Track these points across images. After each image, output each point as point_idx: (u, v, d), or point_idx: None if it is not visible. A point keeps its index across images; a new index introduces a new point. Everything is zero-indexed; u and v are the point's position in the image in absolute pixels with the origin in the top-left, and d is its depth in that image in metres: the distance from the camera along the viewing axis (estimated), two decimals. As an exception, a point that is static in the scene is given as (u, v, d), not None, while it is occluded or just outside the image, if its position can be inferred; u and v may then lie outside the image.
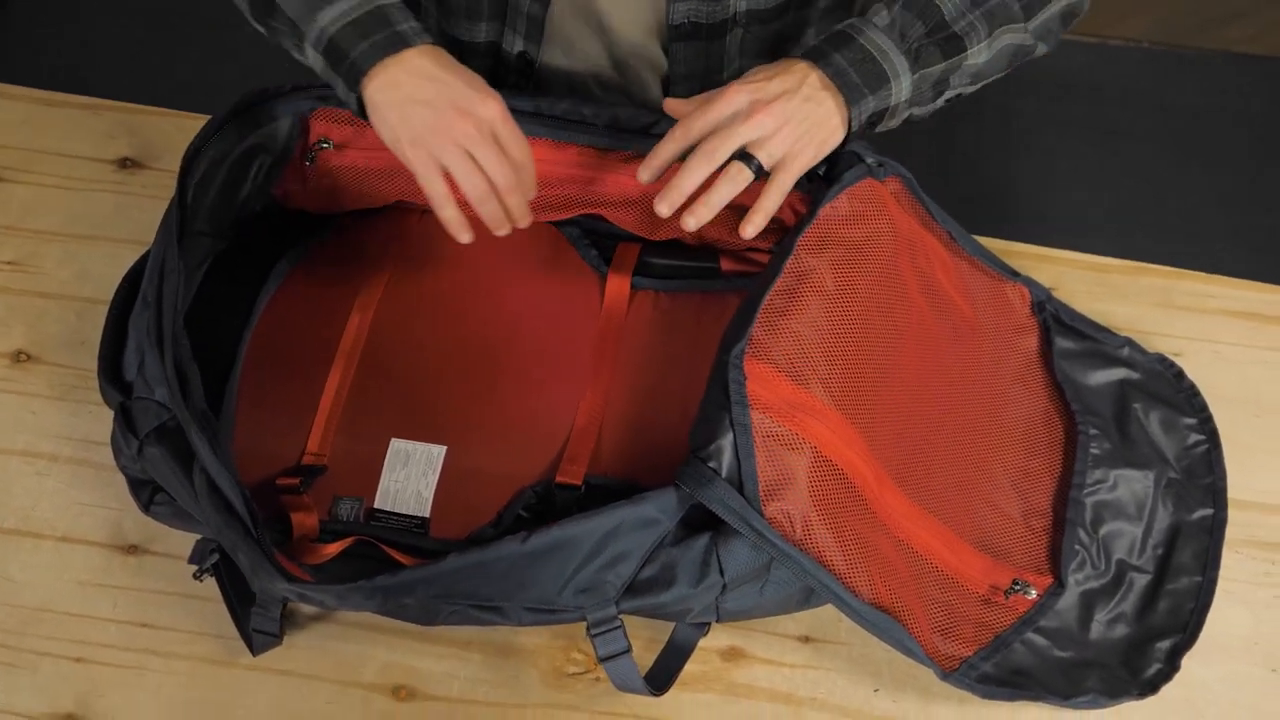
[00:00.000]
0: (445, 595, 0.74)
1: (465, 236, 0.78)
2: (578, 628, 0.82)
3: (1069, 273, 1.01)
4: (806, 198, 0.86)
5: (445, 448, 0.87)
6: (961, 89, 0.84)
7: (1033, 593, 0.84)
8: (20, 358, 0.95)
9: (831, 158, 0.85)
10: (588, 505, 0.76)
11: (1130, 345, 0.96)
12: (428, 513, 0.85)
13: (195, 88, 0.86)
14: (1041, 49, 0.87)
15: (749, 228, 0.79)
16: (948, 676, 0.79)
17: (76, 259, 0.99)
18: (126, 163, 1.04)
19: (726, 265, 0.94)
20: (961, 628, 0.82)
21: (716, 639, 0.84)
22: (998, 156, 1.80)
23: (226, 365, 0.90)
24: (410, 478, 0.86)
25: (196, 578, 0.79)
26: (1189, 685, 0.83)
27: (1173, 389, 0.95)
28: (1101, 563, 0.87)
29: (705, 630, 0.81)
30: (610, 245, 0.96)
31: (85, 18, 1.90)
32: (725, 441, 0.74)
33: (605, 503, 0.74)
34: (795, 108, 0.77)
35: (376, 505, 0.85)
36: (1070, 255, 1.03)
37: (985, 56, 0.83)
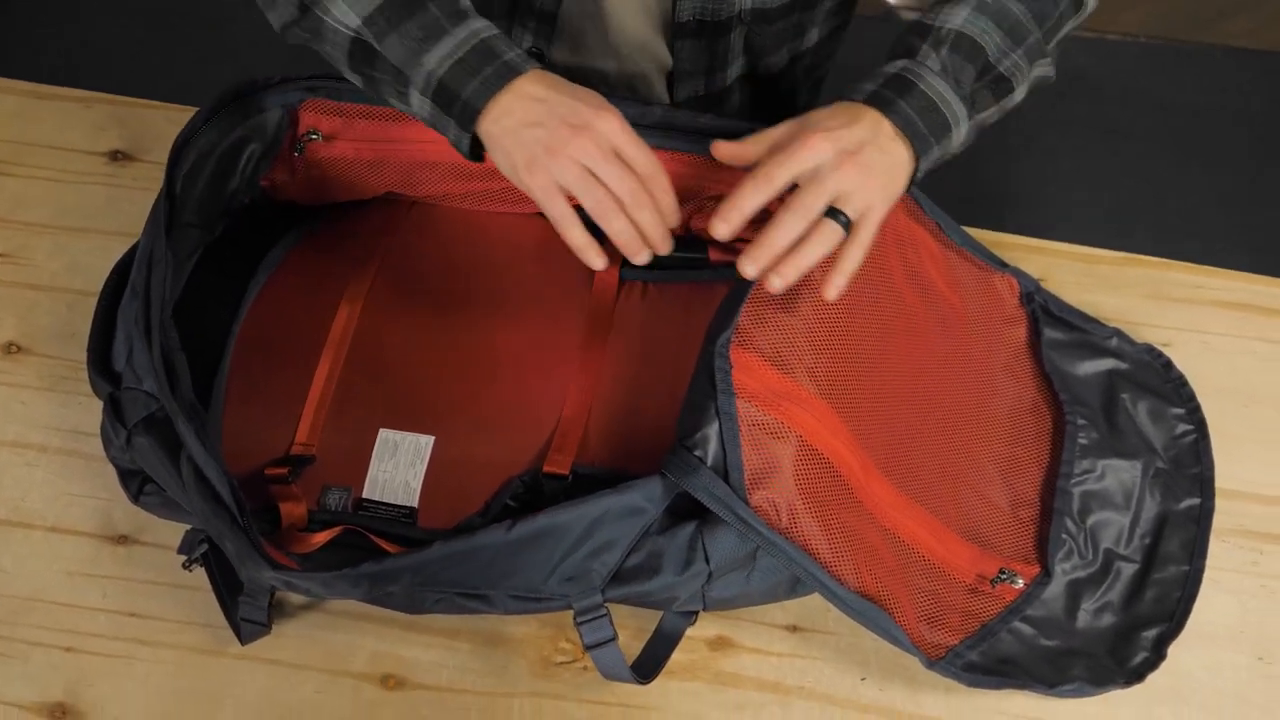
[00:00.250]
0: (430, 583, 0.75)
1: (599, 262, 0.74)
2: (565, 617, 0.82)
3: (1058, 264, 1.01)
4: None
5: (433, 438, 0.87)
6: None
7: (1019, 582, 0.84)
8: (10, 349, 0.95)
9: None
10: (575, 494, 0.76)
11: (1119, 336, 0.96)
12: (416, 502, 0.85)
13: (195, 88, 0.85)
14: (1052, 76, 0.86)
15: (831, 290, 0.75)
16: (933, 665, 0.79)
17: (67, 251, 0.99)
18: (117, 155, 1.04)
19: (715, 255, 0.94)
20: (948, 616, 0.82)
21: (704, 628, 0.84)
22: (997, 158, 1.80)
23: (216, 356, 0.91)
24: (398, 467, 0.86)
25: (185, 567, 0.80)
26: (1175, 674, 0.83)
27: (1161, 379, 0.95)
28: (1089, 552, 0.87)
29: (693, 619, 0.81)
30: (600, 235, 0.96)
31: (86, 17, 1.91)
32: (711, 430, 0.74)
33: (592, 492, 0.74)
34: (876, 159, 0.74)
35: (365, 495, 0.85)
36: (1059, 246, 1.03)
37: (1024, 94, 0.82)
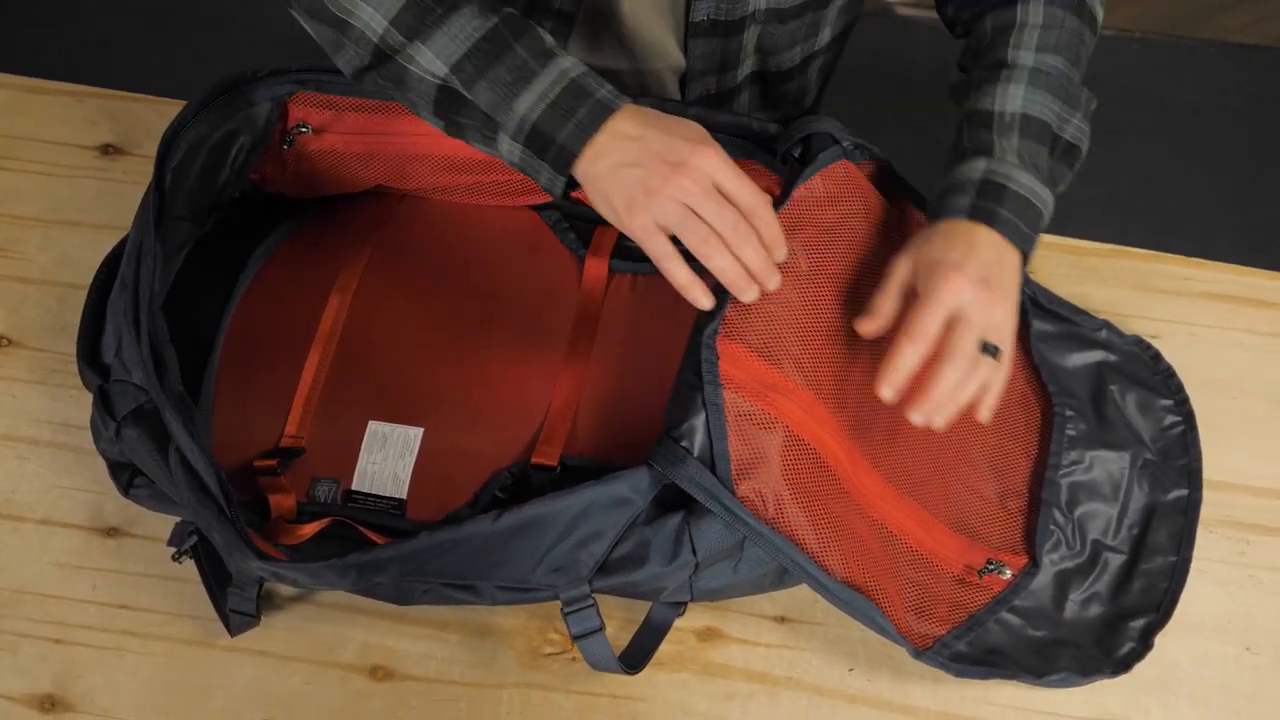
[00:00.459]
0: (418, 573, 0.75)
1: (705, 301, 0.73)
2: (554, 608, 0.83)
3: (1047, 255, 1.02)
4: (780, 180, 0.86)
5: (422, 430, 0.87)
6: None
7: (1007, 573, 0.85)
8: (1, 343, 0.95)
9: (805, 139, 0.85)
10: (563, 486, 0.76)
11: (1108, 327, 0.96)
12: (404, 494, 0.85)
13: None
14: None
15: (985, 411, 0.77)
16: (920, 655, 0.79)
17: (58, 244, 0.99)
18: (108, 149, 1.05)
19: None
20: (935, 607, 0.82)
21: (693, 619, 0.84)
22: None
23: (206, 349, 0.91)
24: (387, 459, 0.86)
25: (175, 559, 0.80)
26: (1162, 664, 0.83)
27: (1149, 371, 0.95)
28: (1077, 543, 0.87)
29: (681, 610, 0.81)
30: (588, 228, 0.96)
31: (85, 16, 1.91)
32: (698, 421, 0.74)
33: (581, 483, 0.74)
34: (1003, 280, 0.76)
35: (354, 487, 0.86)
36: (1049, 238, 1.03)
37: (1087, 149, 0.84)
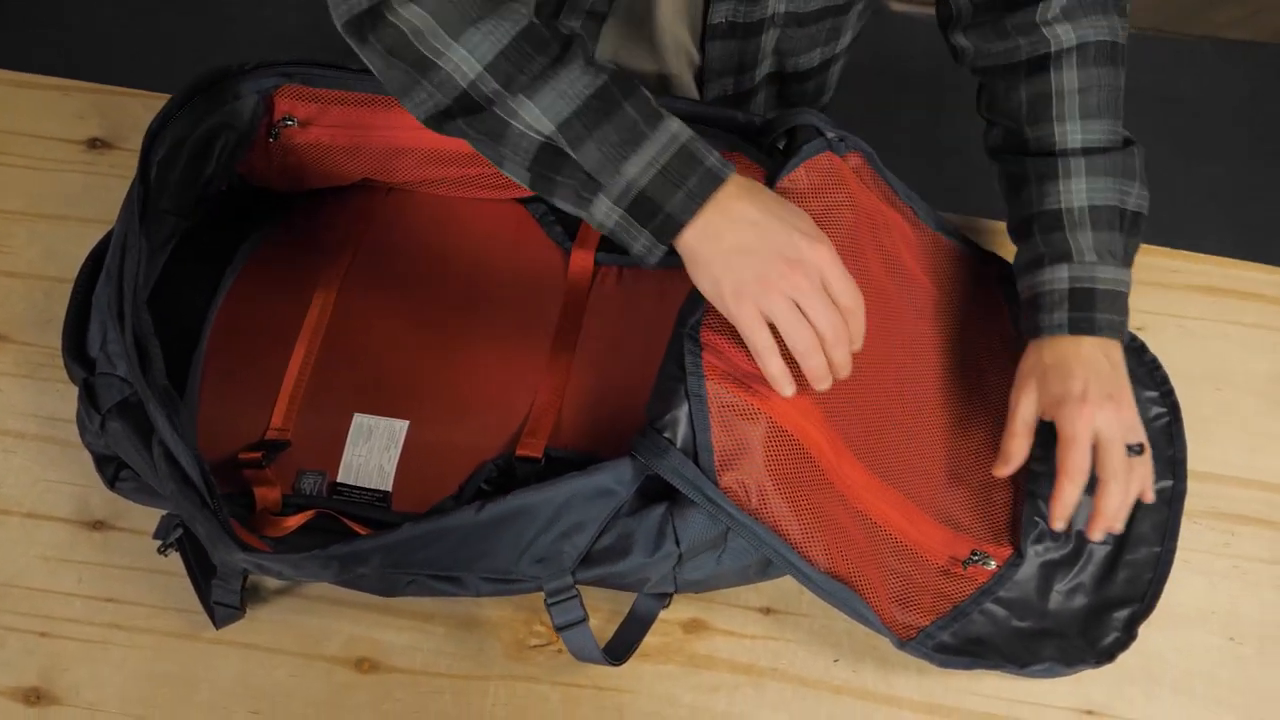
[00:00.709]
0: (401, 565, 0.75)
1: (789, 390, 0.74)
2: (540, 600, 0.82)
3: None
4: (764, 171, 0.86)
5: (408, 422, 0.87)
6: None
7: (992, 564, 0.85)
8: (-12, 336, 0.95)
9: (790, 131, 0.85)
10: (548, 478, 0.76)
11: (1094, 320, 0.96)
12: (390, 486, 0.85)
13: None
14: None
15: (1150, 496, 0.82)
16: (904, 645, 0.80)
17: (44, 239, 0.99)
18: (95, 143, 1.05)
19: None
20: (919, 598, 0.82)
21: (678, 611, 0.84)
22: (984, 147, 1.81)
23: (192, 343, 0.91)
24: (373, 452, 0.86)
25: (161, 552, 0.80)
26: (1146, 654, 0.83)
27: (1135, 362, 0.95)
28: (1061, 534, 0.87)
29: (666, 602, 0.81)
30: (575, 221, 0.96)
31: (76, 10, 1.90)
32: (681, 412, 0.74)
33: (565, 475, 0.74)
34: (1120, 382, 0.82)
35: (339, 479, 0.86)
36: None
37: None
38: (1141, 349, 0.95)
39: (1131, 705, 0.82)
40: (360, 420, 0.87)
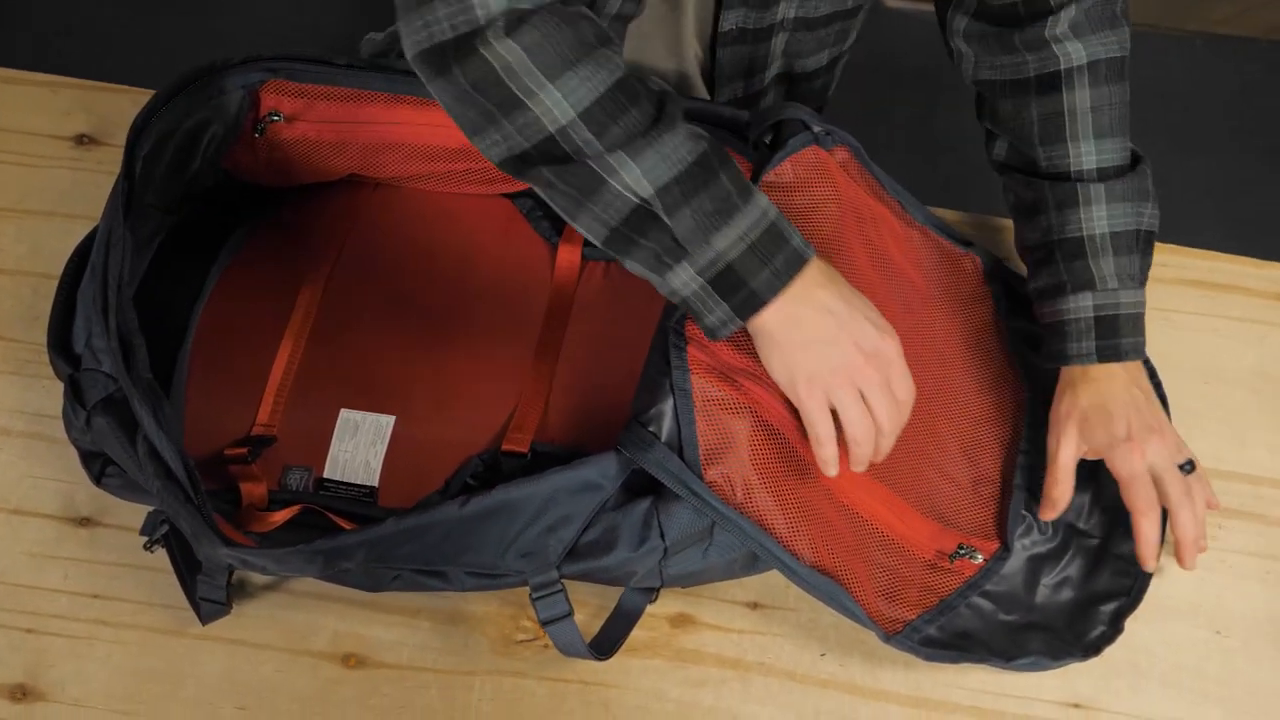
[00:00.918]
0: (385, 559, 0.75)
1: (834, 471, 0.75)
2: (527, 595, 0.82)
3: (1010, 241, 1.01)
4: (750, 165, 0.86)
5: (394, 417, 0.87)
6: None
7: (979, 557, 0.85)
8: (-26, 333, 0.95)
9: (776, 124, 0.85)
10: (534, 473, 0.76)
11: (1082, 314, 0.96)
12: (376, 482, 0.85)
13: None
14: None
15: (1203, 542, 0.84)
16: (890, 639, 0.79)
17: (31, 235, 0.99)
18: (83, 139, 1.04)
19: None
20: (906, 592, 0.82)
21: (665, 606, 0.84)
22: (980, 145, 1.80)
23: (179, 338, 0.91)
24: (359, 447, 0.86)
25: (147, 548, 0.80)
26: (1132, 647, 0.83)
27: (1123, 356, 0.95)
28: (1048, 528, 0.88)
29: (653, 597, 0.81)
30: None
31: (74, 7, 1.90)
32: (666, 406, 0.74)
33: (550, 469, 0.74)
34: (1154, 408, 0.85)
35: (325, 475, 0.86)
36: (1011, 223, 1.03)
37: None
38: (1129, 343, 0.95)
39: (1118, 698, 0.82)
40: (347, 416, 0.87)
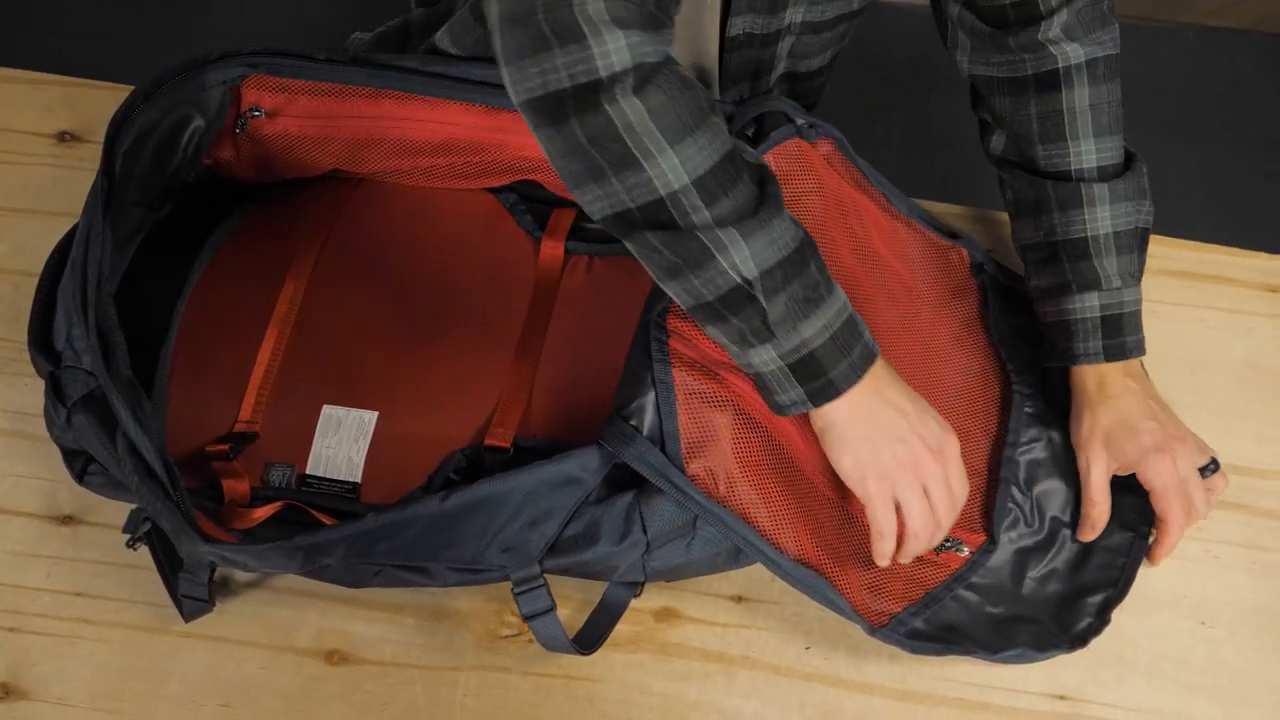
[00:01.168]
0: (365, 555, 0.75)
1: (885, 563, 0.78)
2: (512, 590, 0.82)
3: (1004, 233, 1.01)
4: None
5: (377, 413, 0.87)
6: None
7: (965, 550, 0.84)
8: (-44, 331, 0.95)
9: (759, 117, 0.85)
10: (517, 467, 0.76)
11: (1068, 305, 0.96)
12: (359, 478, 0.85)
13: None
14: None
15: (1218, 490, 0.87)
16: (876, 632, 0.79)
17: (13, 233, 0.99)
18: (65, 136, 1.04)
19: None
20: (891, 584, 0.82)
21: (650, 600, 0.84)
22: (973, 138, 1.80)
23: (162, 335, 0.90)
24: (342, 443, 0.86)
25: (129, 546, 0.80)
26: (1118, 639, 0.83)
27: (1109, 347, 0.95)
28: (1035, 520, 0.87)
29: (637, 591, 0.81)
30: (545, 210, 0.96)
31: (55, 4, 1.89)
32: (647, 400, 0.74)
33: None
34: (1167, 410, 0.87)
35: (308, 471, 0.85)
36: (1004, 216, 1.02)
37: None
38: (1115, 334, 0.95)
39: (1104, 689, 0.82)
40: (329, 412, 0.87)
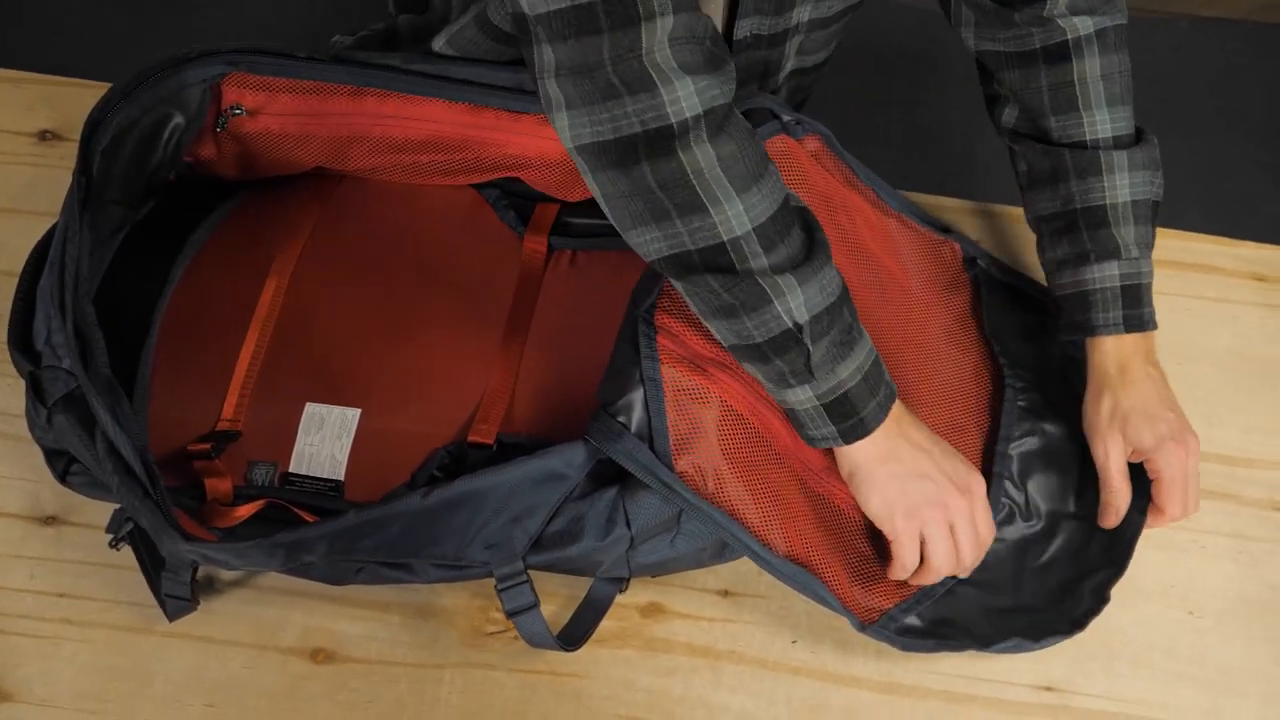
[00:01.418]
0: (347, 552, 0.74)
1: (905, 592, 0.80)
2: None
3: (1000, 226, 1.01)
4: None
5: (360, 411, 0.86)
6: None
7: (958, 544, 0.84)
8: (-63, 332, 0.94)
9: (746, 113, 0.84)
10: (500, 463, 0.75)
11: (1058, 296, 0.96)
12: (342, 475, 0.84)
13: None
14: None
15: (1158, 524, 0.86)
16: (866, 629, 0.79)
17: (-6, 232, 0.98)
18: (46, 135, 1.03)
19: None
20: (882, 579, 0.81)
21: (636, 595, 0.84)
22: (969, 131, 1.80)
23: (142, 334, 0.90)
24: (325, 441, 0.85)
25: (112, 545, 0.79)
26: (1106, 629, 0.83)
27: (1096, 337, 0.94)
28: (1030, 513, 0.87)
29: (622, 587, 0.81)
30: (528, 205, 0.95)
31: (37, 1, 1.88)
32: (635, 396, 0.74)
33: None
34: (1176, 404, 0.86)
35: (291, 469, 0.85)
36: (1001, 209, 1.02)
37: None
38: (1103, 324, 0.95)
39: (1091, 680, 0.82)
40: (312, 409, 0.86)
